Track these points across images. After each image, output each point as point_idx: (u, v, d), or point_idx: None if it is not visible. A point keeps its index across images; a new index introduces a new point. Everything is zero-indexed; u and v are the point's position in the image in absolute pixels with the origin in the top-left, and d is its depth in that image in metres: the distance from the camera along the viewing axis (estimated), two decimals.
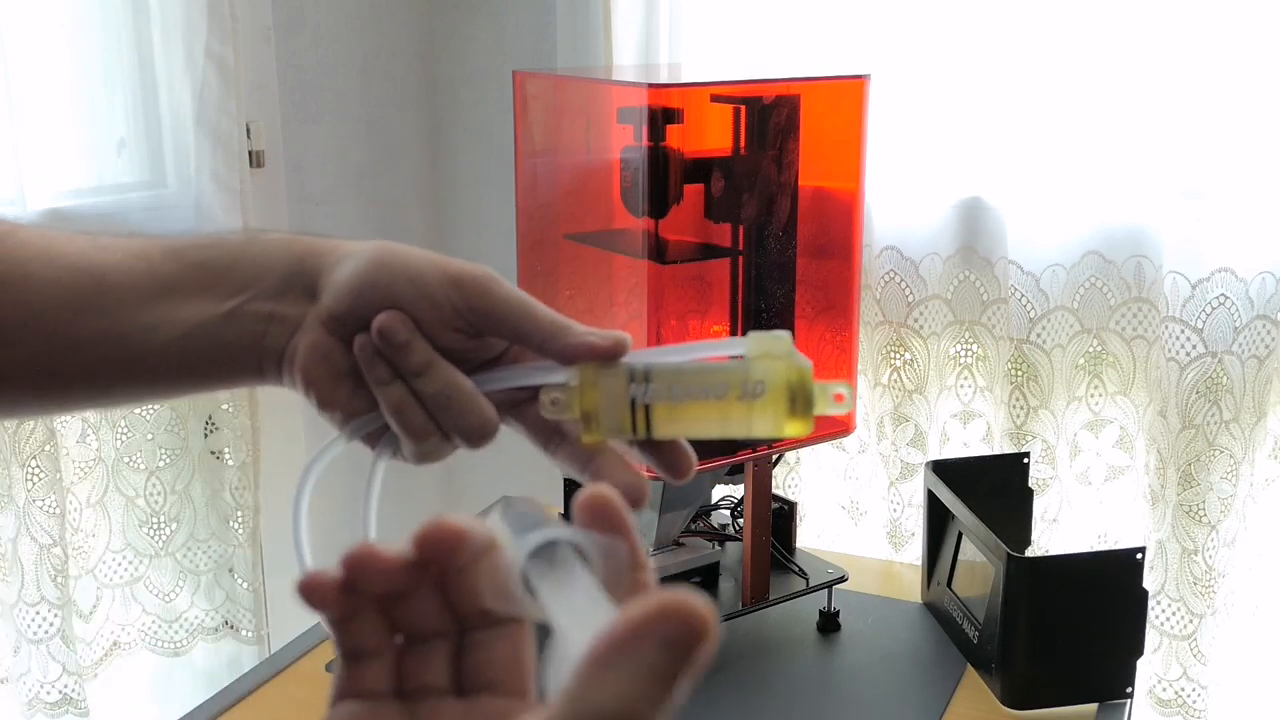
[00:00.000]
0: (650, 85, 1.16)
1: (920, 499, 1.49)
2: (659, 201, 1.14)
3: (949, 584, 1.30)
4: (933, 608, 1.35)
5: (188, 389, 0.61)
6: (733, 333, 1.25)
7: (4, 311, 0.58)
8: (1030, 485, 1.41)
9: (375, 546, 0.38)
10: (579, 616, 0.34)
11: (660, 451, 0.56)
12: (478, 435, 0.57)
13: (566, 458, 0.58)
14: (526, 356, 0.58)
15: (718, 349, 0.55)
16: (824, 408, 0.54)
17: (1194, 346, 1.45)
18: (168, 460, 1.58)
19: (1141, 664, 1.18)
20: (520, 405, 0.59)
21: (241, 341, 0.58)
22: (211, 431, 1.61)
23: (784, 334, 0.54)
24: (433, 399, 0.56)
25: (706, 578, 1.30)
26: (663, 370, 0.55)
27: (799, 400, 0.53)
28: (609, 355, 0.55)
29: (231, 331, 0.58)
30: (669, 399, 0.54)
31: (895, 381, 1.64)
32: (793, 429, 0.54)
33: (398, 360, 0.56)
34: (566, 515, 0.58)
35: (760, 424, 0.54)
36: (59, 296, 0.58)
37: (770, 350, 0.54)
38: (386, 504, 0.59)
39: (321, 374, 0.57)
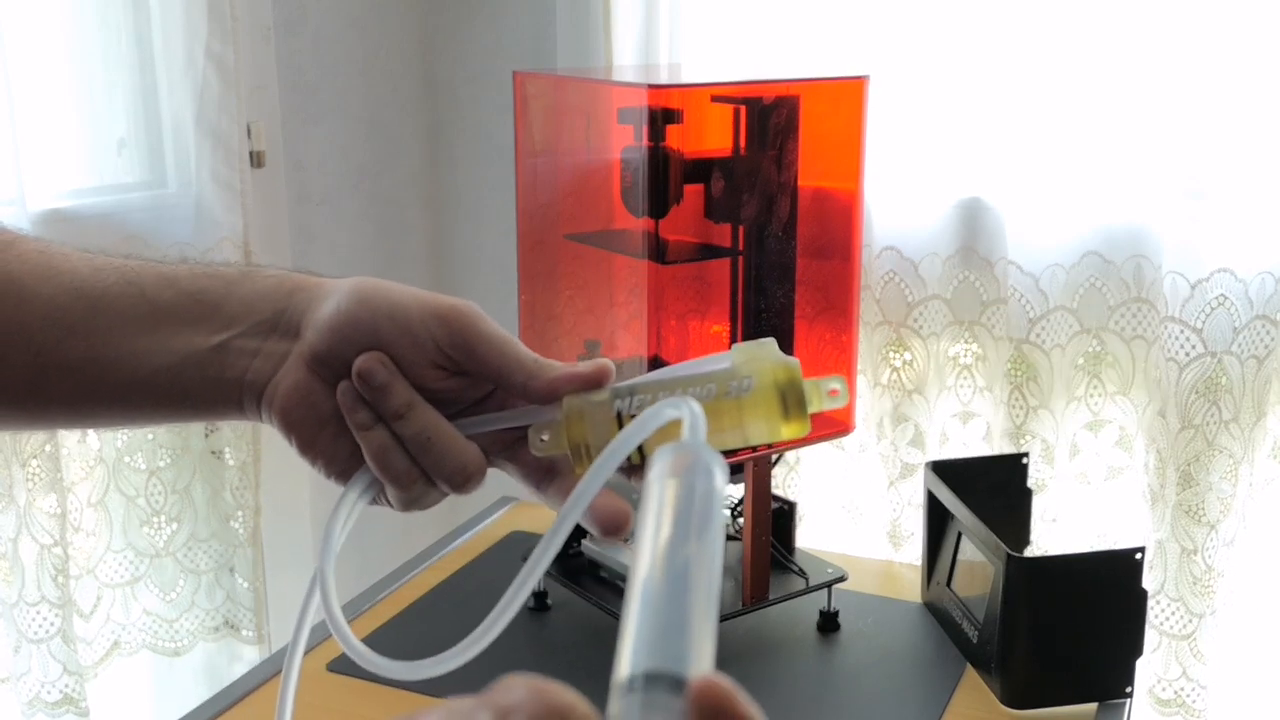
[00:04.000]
0: (650, 85, 1.16)
1: (920, 499, 1.49)
2: (659, 201, 1.14)
3: (949, 584, 1.31)
4: (932, 607, 1.35)
5: (167, 418, 0.60)
6: (732, 334, 1.25)
7: None
8: (1030, 485, 1.41)
9: None
10: None
11: None
12: (460, 478, 0.56)
13: (559, 494, 0.57)
14: (513, 401, 0.57)
15: (704, 365, 0.54)
16: (819, 404, 0.53)
17: (1194, 346, 1.45)
18: (168, 460, 1.58)
19: (1141, 664, 1.18)
20: (511, 447, 0.58)
21: (226, 376, 0.57)
22: (212, 431, 1.61)
23: (768, 340, 0.54)
24: (413, 441, 0.55)
25: None
26: (646, 383, 0.54)
27: (790, 398, 0.52)
28: (592, 381, 0.54)
29: (217, 366, 0.57)
30: None
31: (895, 382, 1.64)
32: (789, 430, 0.53)
33: (378, 403, 0.55)
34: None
35: (755, 427, 0.53)
36: (51, 316, 0.58)
37: (755, 355, 0.53)
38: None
39: (303, 417, 0.57)
